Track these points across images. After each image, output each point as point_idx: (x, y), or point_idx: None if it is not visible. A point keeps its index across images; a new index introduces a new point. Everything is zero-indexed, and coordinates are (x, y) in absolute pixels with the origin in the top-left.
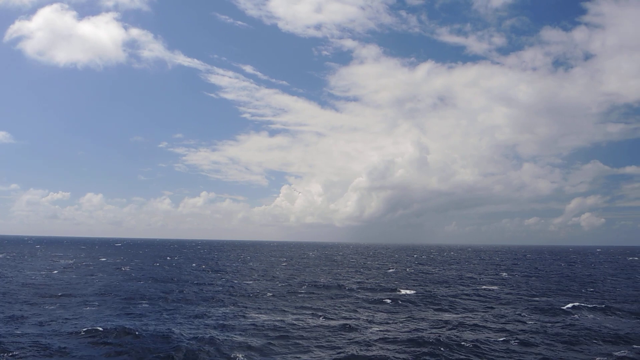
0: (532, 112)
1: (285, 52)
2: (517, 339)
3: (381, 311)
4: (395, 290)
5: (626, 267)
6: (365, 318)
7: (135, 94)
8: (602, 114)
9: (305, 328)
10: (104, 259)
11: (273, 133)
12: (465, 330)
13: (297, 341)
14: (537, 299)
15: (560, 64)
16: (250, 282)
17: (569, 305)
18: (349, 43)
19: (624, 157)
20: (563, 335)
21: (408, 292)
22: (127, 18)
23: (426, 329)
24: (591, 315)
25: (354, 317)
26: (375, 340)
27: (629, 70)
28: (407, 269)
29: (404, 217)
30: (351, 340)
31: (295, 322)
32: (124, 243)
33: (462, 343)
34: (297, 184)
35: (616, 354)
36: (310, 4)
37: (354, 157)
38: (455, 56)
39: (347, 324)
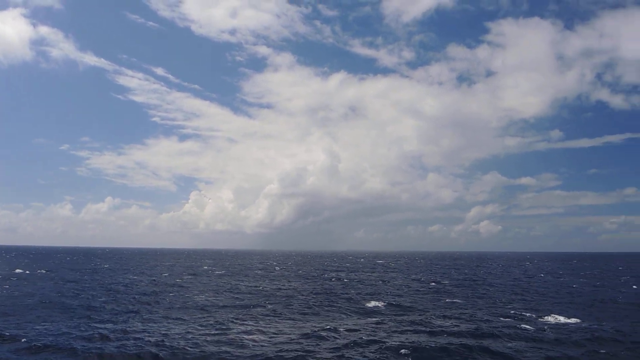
0: (437, 125)
1: (199, 55)
2: (494, 345)
3: (365, 320)
4: (358, 301)
5: (542, 272)
6: (355, 328)
7: (41, 94)
8: (501, 128)
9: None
10: (19, 271)
11: (183, 138)
12: (469, 338)
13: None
14: (503, 307)
15: (464, 79)
16: (203, 296)
17: (529, 311)
18: (263, 50)
19: (520, 168)
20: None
21: (375, 303)
22: (37, 15)
23: (418, 337)
24: (551, 320)
25: (346, 328)
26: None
27: (526, 88)
28: (348, 277)
29: (315, 224)
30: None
31: (288, 334)
32: (24, 251)
33: (472, 346)
34: (207, 190)
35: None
36: (225, 8)
37: (266, 164)
38: (366, 68)
39: (349, 338)
